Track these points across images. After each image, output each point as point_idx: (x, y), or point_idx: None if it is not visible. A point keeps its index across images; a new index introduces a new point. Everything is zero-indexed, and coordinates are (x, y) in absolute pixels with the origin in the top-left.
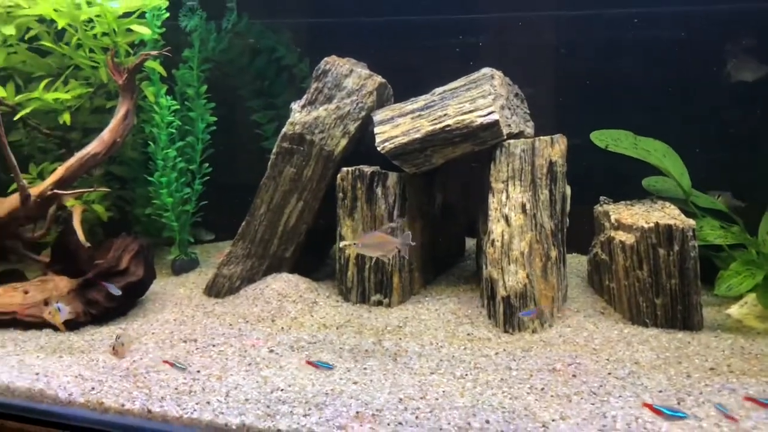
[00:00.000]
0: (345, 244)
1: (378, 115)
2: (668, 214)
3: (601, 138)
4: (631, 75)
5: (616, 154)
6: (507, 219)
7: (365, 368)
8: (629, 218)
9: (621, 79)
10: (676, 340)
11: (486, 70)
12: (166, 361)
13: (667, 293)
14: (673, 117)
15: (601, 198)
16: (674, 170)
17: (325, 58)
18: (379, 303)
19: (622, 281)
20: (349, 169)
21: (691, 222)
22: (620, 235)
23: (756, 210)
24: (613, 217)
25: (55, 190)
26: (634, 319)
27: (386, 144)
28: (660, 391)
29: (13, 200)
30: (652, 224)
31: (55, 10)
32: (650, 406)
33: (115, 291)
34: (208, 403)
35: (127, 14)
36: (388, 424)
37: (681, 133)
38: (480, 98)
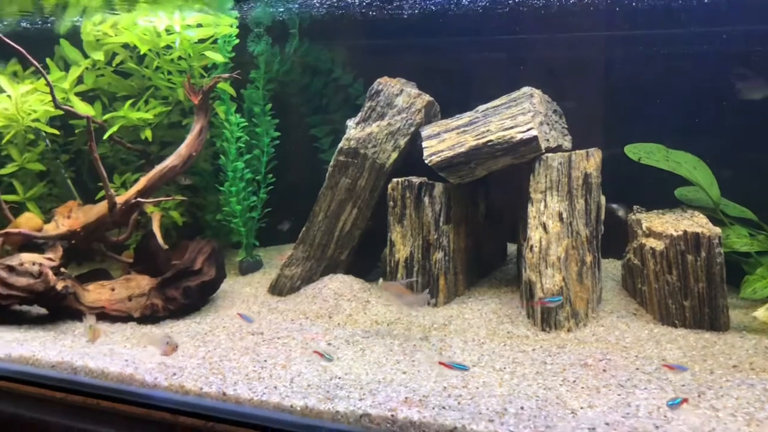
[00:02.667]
0: (380, 283)
1: (426, 131)
2: (696, 223)
3: (634, 151)
4: (664, 90)
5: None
6: (545, 226)
7: (413, 360)
8: (660, 226)
9: (656, 94)
10: (703, 339)
11: (526, 89)
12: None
13: (695, 296)
14: (704, 130)
15: (635, 207)
16: (704, 181)
17: (378, 79)
18: (426, 303)
19: (653, 285)
20: (399, 179)
21: (717, 230)
22: (651, 242)
23: None
24: (644, 225)
25: (138, 199)
26: (664, 320)
27: (433, 157)
28: (683, 385)
29: (101, 207)
30: (680, 232)
31: (139, 38)
32: None
33: (249, 320)
34: (275, 387)
35: (201, 40)
36: (433, 408)
37: (712, 145)
38: (520, 115)
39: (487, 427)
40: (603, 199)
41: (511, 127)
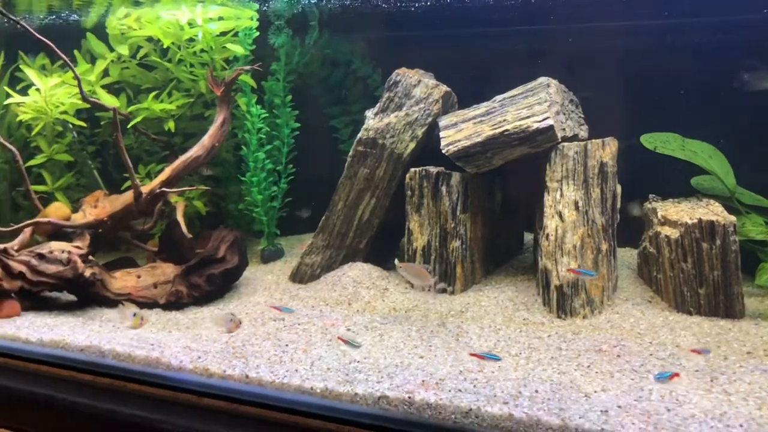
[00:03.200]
0: (396, 264)
1: (443, 121)
2: (711, 211)
3: (650, 140)
4: (681, 81)
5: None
6: (561, 215)
7: (430, 345)
8: (675, 215)
9: (673, 84)
10: (718, 326)
11: (542, 79)
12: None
13: (710, 284)
14: (721, 119)
15: (650, 196)
16: (719, 170)
17: (397, 70)
18: (444, 291)
19: (668, 273)
20: (417, 169)
21: (732, 218)
22: (666, 230)
23: None
24: (660, 214)
25: (163, 189)
26: (679, 307)
27: (450, 147)
28: (696, 371)
29: (126, 197)
30: (695, 220)
31: (162, 32)
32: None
33: (289, 311)
34: (296, 370)
35: (222, 33)
36: (449, 391)
37: (728, 135)
38: (536, 105)
39: (501, 409)
40: (619, 188)
41: (528, 117)
